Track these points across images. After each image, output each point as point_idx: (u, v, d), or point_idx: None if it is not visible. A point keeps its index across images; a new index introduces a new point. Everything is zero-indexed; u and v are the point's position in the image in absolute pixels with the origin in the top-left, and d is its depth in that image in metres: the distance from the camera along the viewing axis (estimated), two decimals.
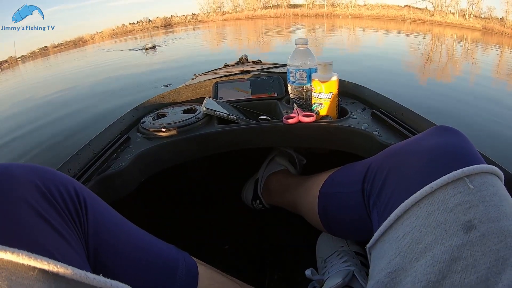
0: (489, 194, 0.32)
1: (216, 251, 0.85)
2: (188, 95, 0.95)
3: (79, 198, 0.34)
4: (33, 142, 2.95)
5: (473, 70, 5.50)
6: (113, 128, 0.76)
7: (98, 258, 0.34)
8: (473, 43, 11.02)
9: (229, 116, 0.73)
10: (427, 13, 26.49)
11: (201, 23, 42.19)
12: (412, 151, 0.40)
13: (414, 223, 0.33)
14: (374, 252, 0.38)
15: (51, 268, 0.25)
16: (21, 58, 28.83)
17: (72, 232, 0.31)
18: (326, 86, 0.68)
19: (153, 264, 0.40)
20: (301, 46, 0.76)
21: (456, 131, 0.40)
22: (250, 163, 0.88)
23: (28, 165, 0.32)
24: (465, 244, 0.30)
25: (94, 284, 0.28)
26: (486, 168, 0.34)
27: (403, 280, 0.31)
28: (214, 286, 0.47)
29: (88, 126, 3.01)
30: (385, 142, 0.60)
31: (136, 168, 0.63)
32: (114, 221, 0.39)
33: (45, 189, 0.31)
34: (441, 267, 0.29)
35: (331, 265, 0.58)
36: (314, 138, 0.69)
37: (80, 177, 0.56)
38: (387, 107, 0.74)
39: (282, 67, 1.18)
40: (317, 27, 17.73)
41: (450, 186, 0.33)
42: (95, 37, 43.34)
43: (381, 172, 0.42)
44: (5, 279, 0.23)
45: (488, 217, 0.31)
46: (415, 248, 0.32)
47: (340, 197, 0.52)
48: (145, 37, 23.48)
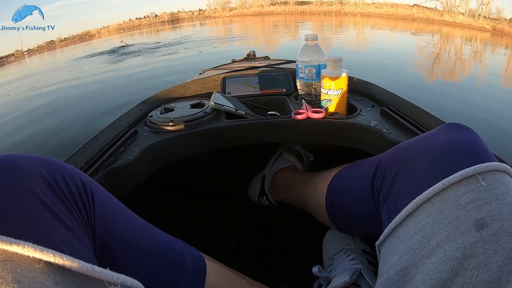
0: (502, 192, 0.32)
1: (222, 246, 0.85)
2: (196, 89, 0.95)
3: (86, 189, 0.34)
4: (39, 134, 2.97)
5: (482, 71, 5.43)
6: (121, 122, 0.76)
7: (105, 250, 0.34)
8: (482, 44, 10.88)
9: (237, 111, 0.73)
10: (437, 12, 26.18)
11: (208, 19, 42.06)
12: (424, 147, 0.40)
13: (426, 220, 0.33)
14: (384, 249, 0.38)
15: (57, 261, 0.25)
16: (27, 52, 29.10)
17: (79, 224, 0.31)
18: (335, 82, 0.68)
19: (161, 256, 0.40)
20: (310, 42, 0.76)
21: (467, 128, 0.40)
22: (257, 159, 0.88)
23: (35, 156, 0.32)
24: (477, 241, 0.29)
25: (100, 277, 0.27)
26: (498, 166, 0.34)
27: (413, 277, 0.31)
28: (221, 280, 0.46)
29: (95, 119, 3.03)
30: (395, 140, 0.60)
31: (143, 162, 0.63)
32: (121, 214, 0.39)
33: (52, 181, 0.31)
34: (453, 264, 0.29)
35: (338, 263, 0.58)
36: (323, 134, 0.69)
37: (87, 170, 0.56)
38: (396, 104, 0.73)
39: (290, 63, 1.18)
40: (326, 24, 17.57)
41: (463, 183, 0.33)
42: (101, 31, 43.60)
43: (392, 168, 0.41)
44: (10, 271, 0.23)
45: (500, 215, 0.30)
46: (426, 245, 0.32)
47: (349, 192, 0.51)
48: (152, 32, 23.29)
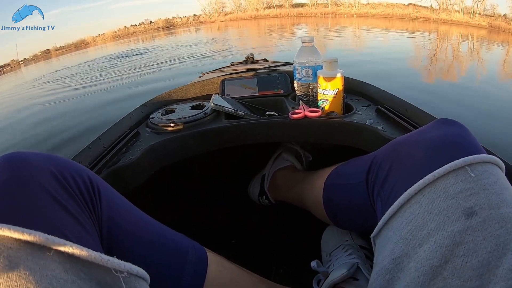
0: (490, 182, 0.33)
1: (222, 245, 0.86)
2: (196, 92, 0.96)
3: (93, 185, 0.35)
4: (42, 136, 2.99)
5: (480, 68, 5.44)
6: (123, 123, 0.78)
7: (111, 242, 0.36)
8: (479, 41, 10.89)
9: (236, 112, 0.74)
10: (433, 11, 26.26)
11: (203, 24, 41.83)
12: (415, 142, 0.41)
13: (417, 211, 0.34)
14: (378, 241, 0.39)
15: (66, 250, 0.27)
16: (23, 61, 29.02)
17: (87, 217, 0.33)
18: (331, 82, 0.70)
19: (164, 248, 0.41)
20: (307, 44, 0.78)
21: (458, 123, 0.41)
22: (257, 159, 0.89)
23: (44, 154, 0.34)
24: (467, 229, 0.30)
25: (108, 265, 0.29)
26: (487, 158, 0.35)
27: (406, 265, 0.32)
28: (222, 271, 0.48)
29: (98, 122, 3.04)
30: (389, 137, 0.61)
31: (145, 161, 0.64)
32: (126, 208, 0.40)
33: (60, 176, 0.32)
34: (444, 251, 0.30)
35: (336, 258, 0.58)
36: (319, 133, 0.70)
37: (92, 169, 0.57)
38: (391, 103, 0.75)
39: (287, 65, 1.19)
40: (322, 26, 17.56)
41: (452, 175, 0.34)
42: (97, 39, 43.35)
43: (385, 163, 0.43)
44: (22, 258, 0.25)
45: (489, 204, 0.31)
46: (418, 234, 0.33)
47: (345, 188, 0.53)
48: (147, 39, 23.19)
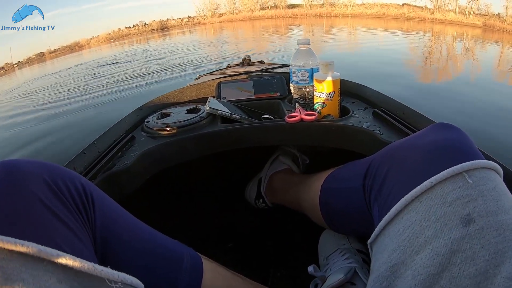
0: (488, 188, 0.33)
1: (220, 249, 0.86)
2: (192, 95, 0.96)
3: (86, 193, 0.35)
4: (37, 141, 2.95)
5: (475, 68, 5.47)
6: (118, 128, 0.77)
7: (105, 249, 0.35)
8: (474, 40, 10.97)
9: (232, 115, 0.74)
10: (427, 11, 26.42)
11: (198, 26, 41.58)
12: (413, 147, 0.41)
13: (414, 218, 0.34)
14: (375, 247, 0.39)
15: (59, 260, 0.26)
16: (17, 64, 28.78)
17: (80, 226, 0.32)
18: (327, 85, 0.69)
19: (159, 255, 0.41)
20: (303, 46, 0.77)
21: (455, 128, 0.41)
22: (253, 162, 0.89)
23: (36, 161, 0.33)
24: (464, 237, 0.30)
25: (102, 275, 0.28)
26: (485, 164, 0.35)
27: (403, 273, 0.32)
28: (218, 278, 0.47)
29: (92, 126, 3.01)
30: (386, 140, 0.61)
31: (141, 166, 0.64)
32: (120, 215, 0.40)
33: (53, 184, 0.32)
34: (441, 259, 0.30)
35: (333, 262, 0.58)
36: (316, 136, 0.70)
37: (86, 175, 0.57)
38: (388, 106, 0.75)
39: (284, 67, 1.19)
40: (317, 27, 17.58)
41: (449, 181, 0.34)
42: (91, 41, 42.97)
43: (382, 168, 0.43)
44: (14, 269, 0.24)
45: (486, 211, 0.31)
46: (415, 241, 0.32)
47: (341, 192, 0.52)
48: (141, 41, 23.03)
